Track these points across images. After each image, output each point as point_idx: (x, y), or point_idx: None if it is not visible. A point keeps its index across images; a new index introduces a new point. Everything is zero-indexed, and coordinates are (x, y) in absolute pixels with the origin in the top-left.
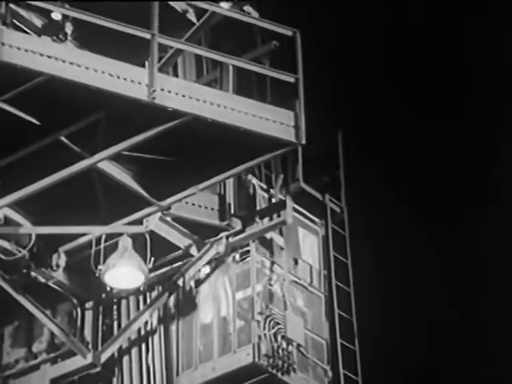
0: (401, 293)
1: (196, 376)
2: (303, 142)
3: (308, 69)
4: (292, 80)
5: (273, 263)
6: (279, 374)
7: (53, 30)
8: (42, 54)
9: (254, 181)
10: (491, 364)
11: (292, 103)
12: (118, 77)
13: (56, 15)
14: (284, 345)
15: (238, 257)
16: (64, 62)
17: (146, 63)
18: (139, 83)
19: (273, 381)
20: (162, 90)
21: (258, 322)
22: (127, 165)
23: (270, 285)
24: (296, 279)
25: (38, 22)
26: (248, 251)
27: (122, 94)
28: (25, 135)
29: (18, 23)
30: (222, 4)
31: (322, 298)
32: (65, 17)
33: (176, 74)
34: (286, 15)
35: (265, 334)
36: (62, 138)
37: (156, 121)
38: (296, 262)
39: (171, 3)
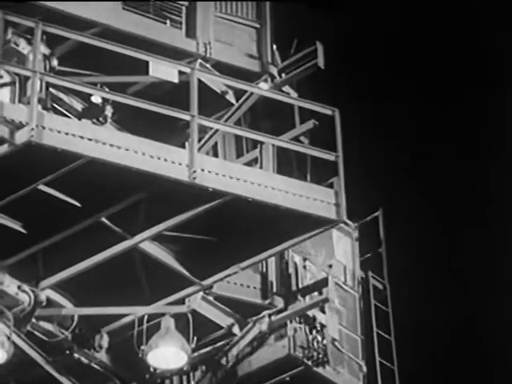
0: None
1: None
2: (344, 219)
3: (348, 146)
4: (332, 158)
5: (305, 259)
6: (314, 367)
7: (93, 112)
8: (82, 137)
9: (296, 258)
10: None
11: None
12: (159, 158)
13: (96, 98)
14: (319, 338)
15: None
16: (104, 144)
17: (186, 144)
18: (179, 164)
19: (308, 373)
20: (203, 170)
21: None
22: (168, 244)
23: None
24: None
25: (78, 106)
26: None
27: (163, 175)
28: (66, 217)
29: (58, 107)
30: (261, 85)
31: (355, 297)
32: (105, 100)
33: (216, 154)
34: (325, 93)
35: (300, 327)
36: (103, 220)
37: (197, 201)
38: (330, 266)
39: (210, 85)
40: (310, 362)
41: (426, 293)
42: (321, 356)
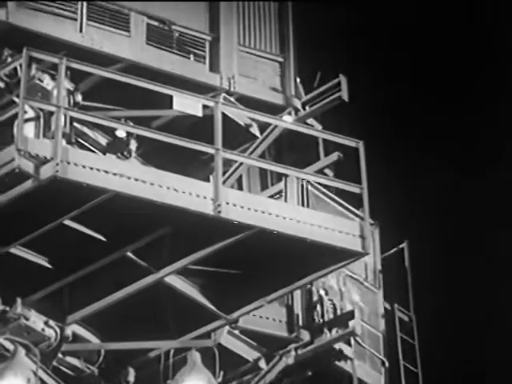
0: None
1: None
2: (369, 251)
3: (373, 177)
4: (357, 190)
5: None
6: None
7: (117, 147)
8: (107, 172)
9: (322, 291)
10: None
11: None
12: (183, 192)
13: (120, 133)
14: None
15: None
16: (129, 178)
17: (211, 177)
18: (204, 198)
19: (330, 366)
20: (227, 203)
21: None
22: (194, 278)
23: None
24: (351, 274)
25: (103, 140)
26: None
27: (188, 209)
28: (92, 252)
29: (82, 141)
30: (285, 118)
31: (376, 294)
32: (129, 134)
33: (241, 187)
34: (350, 125)
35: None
36: (129, 254)
37: (222, 234)
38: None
39: (235, 118)
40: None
41: (452, 324)
42: None
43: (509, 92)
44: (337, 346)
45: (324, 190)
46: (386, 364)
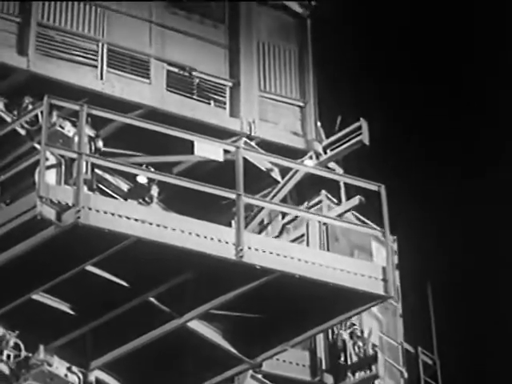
0: None
1: None
2: (393, 295)
3: (394, 220)
4: (378, 234)
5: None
6: None
7: (139, 192)
8: (128, 218)
9: (345, 335)
10: None
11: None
12: (205, 237)
13: (141, 178)
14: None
15: None
16: (151, 224)
17: (233, 222)
18: (226, 242)
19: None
20: (249, 248)
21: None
22: (216, 323)
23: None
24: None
25: (124, 186)
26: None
27: (210, 254)
28: (114, 297)
29: (104, 188)
30: (307, 162)
31: (395, 307)
32: (150, 180)
33: (262, 231)
34: (372, 168)
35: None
36: (151, 299)
37: (244, 279)
38: None
39: (256, 163)
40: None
41: (475, 367)
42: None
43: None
44: None
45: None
46: (406, 375)
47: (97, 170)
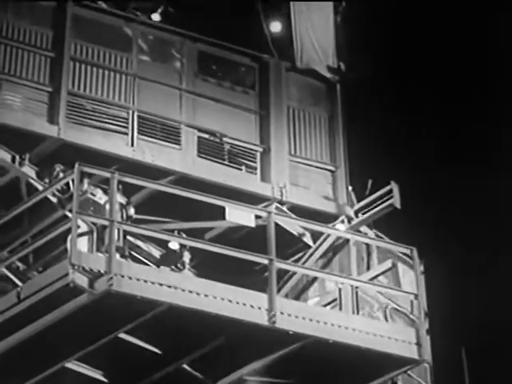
0: None
1: None
2: (427, 358)
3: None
4: (412, 298)
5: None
6: None
7: (171, 259)
8: (161, 284)
9: None
10: None
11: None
12: (238, 302)
13: (173, 245)
14: None
15: None
16: (183, 290)
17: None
18: (259, 308)
19: None
20: (282, 313)
21: None
22: None
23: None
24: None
25: (156, 253)
26: None
27: (242, 320)
28: (147, 365)
29: (136, 254)
30: (338, 226)
31: (419, 307)
32: (182, 246)
33: (295, 296)
34: (404, 229)
35: None
36: (184, 366)
37: (277, 344)
38: None
39: (288, 228)
40: None
41: None
42: None
43: None
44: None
45: None
46: None
47: (129, 237)
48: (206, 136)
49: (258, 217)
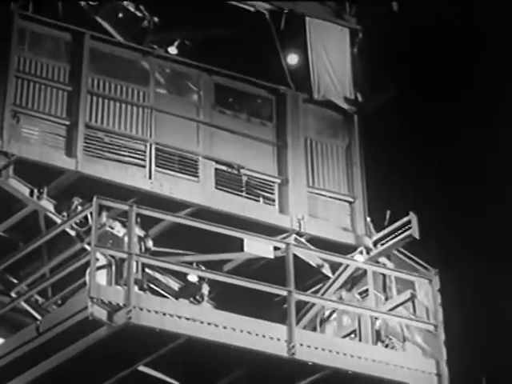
0: None
1: None
2: None
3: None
4: (431, 328)
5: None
6: None
7: (190, 291)
8: (179, 317)
9: None
10: None
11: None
12: (257, 334)
13: (192, 277)
14: None
15: (357, 295)
16: (202, 322)
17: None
18: (278, 339)
19: None
20: (301, 344)
21: None
22: None
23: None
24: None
25: (175, 285)
26: (367, 290)
27: (262, 352)
28: None
29: (155, 287)
30: (357, 257)
31: (438, 337)
32: (201, 278)
33: (315, 328)
34: (425, 253)
35: None
36: None
37: (297, 375)
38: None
39: (306, 259)
40: None
41: None
42: None
43: None
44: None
45: None
46: None
47: (147, 270)
48: (224, 168)
49: (276, 248)
